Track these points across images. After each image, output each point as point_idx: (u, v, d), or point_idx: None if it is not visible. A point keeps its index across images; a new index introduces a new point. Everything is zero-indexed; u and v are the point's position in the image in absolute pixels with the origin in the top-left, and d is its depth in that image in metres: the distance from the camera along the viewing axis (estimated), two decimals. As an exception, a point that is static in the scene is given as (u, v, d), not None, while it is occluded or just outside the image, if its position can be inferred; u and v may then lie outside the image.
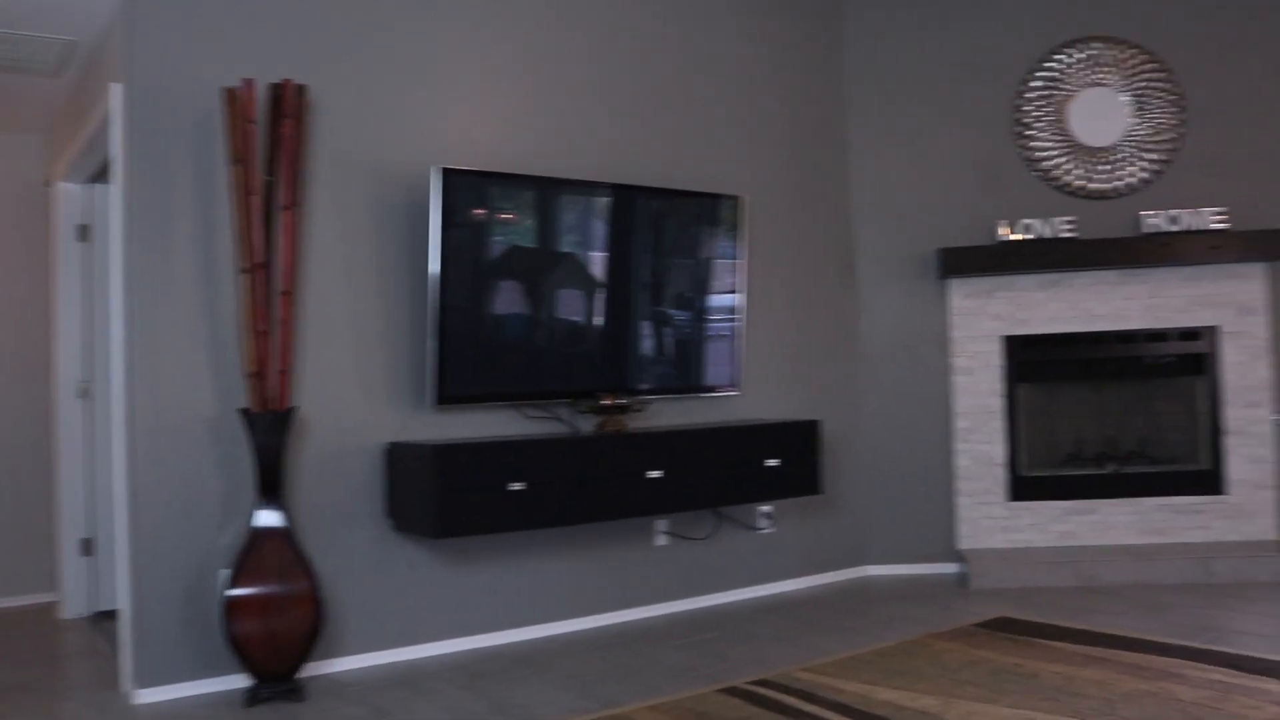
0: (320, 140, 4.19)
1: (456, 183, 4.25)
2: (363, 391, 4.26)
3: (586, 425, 4.72)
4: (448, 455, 3.98)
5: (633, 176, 4.98)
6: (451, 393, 4.28)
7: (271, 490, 3.83)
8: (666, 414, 5.03)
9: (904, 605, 5.01)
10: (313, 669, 4.07)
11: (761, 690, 3.67)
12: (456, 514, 3.99)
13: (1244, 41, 5.69)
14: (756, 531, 5.35)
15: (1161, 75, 5.67)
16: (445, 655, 4.36)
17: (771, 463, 4.88)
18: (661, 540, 5.02)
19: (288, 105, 3.86)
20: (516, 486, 4.10)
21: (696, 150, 5.24)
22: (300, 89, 3.90)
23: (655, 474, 4.49)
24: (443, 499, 3.95)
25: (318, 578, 3.85)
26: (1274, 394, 5.62)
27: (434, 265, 4.20)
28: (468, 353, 4.31)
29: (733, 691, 3.67)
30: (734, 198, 5.10)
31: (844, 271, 5.79)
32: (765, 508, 5.36)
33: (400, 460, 4.19)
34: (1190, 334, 5.65)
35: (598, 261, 4.70)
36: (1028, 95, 5.72)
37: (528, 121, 4.73)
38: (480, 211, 4.35)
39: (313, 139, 4.16)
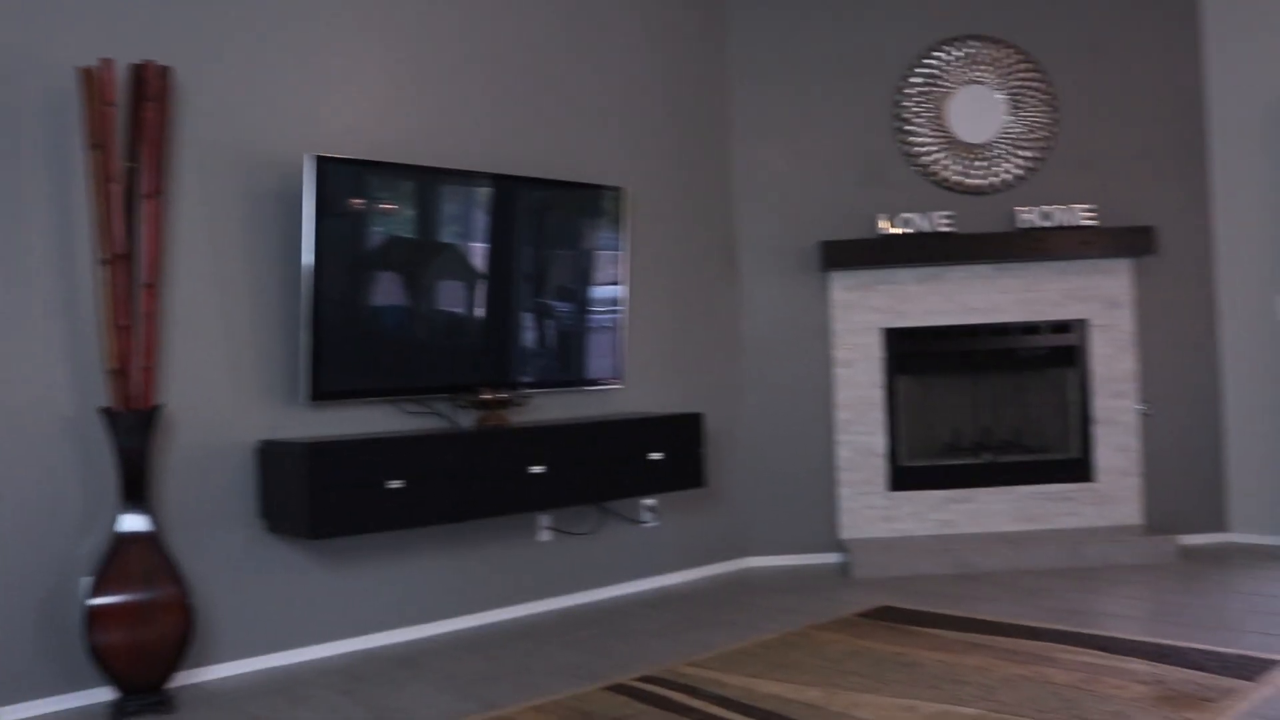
0: (186, 125, 4.02)
1: (331, 171, 4.12)
2: (233, 388, 4.10)
3: (467, 420, 4.63)
4: (322, 453, 3.86)
5: (514, 167, 4.90)
6: (326, 388, 4.15)
7: (136, 493, 3.66)
8: (549, 408, 4.97)
9: (787, 596, 5.03)
10: (183, 679, 3.91)
11: (646, 686, 3.63)
12: (332, 514, 3.87)
13: (1111, 44, 5.85)
14: (640, 525, 5.32)
15: (1035, 75, 5.80)
16: (323, 659, 4.23)
17: (655, 456, 4.85)
18: (544, 536, 4.96)
19: (150, 88, 3.69)
20: (394, 484, 4.00)
21: (579, 140, 5.18)
22: (164, 70, 3.74)
23: (537, 469, 4.43)
24: (317, 498, 3.83)
25: (187, 583, 3.70)
26: (1138, 385, 5.79)
27: (307, 256, 4.07)
28: (343, 347, 4.19)
29: (618, 689, 3.63)
30: (616, 189, 5.05)
31: (726, 264, 5.79)
32: (649, 501, 5.34)
33: (273, 459, 4.05)
34: (1061, 327, 5.79)
35: (479, 253, 4.61)
36: (908, 91, 5.79)
37: (406, 109, 4.62)
38: (357, 201, 4.22)
39: (178, 123, 3.99)
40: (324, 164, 4.09)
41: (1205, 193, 5.90)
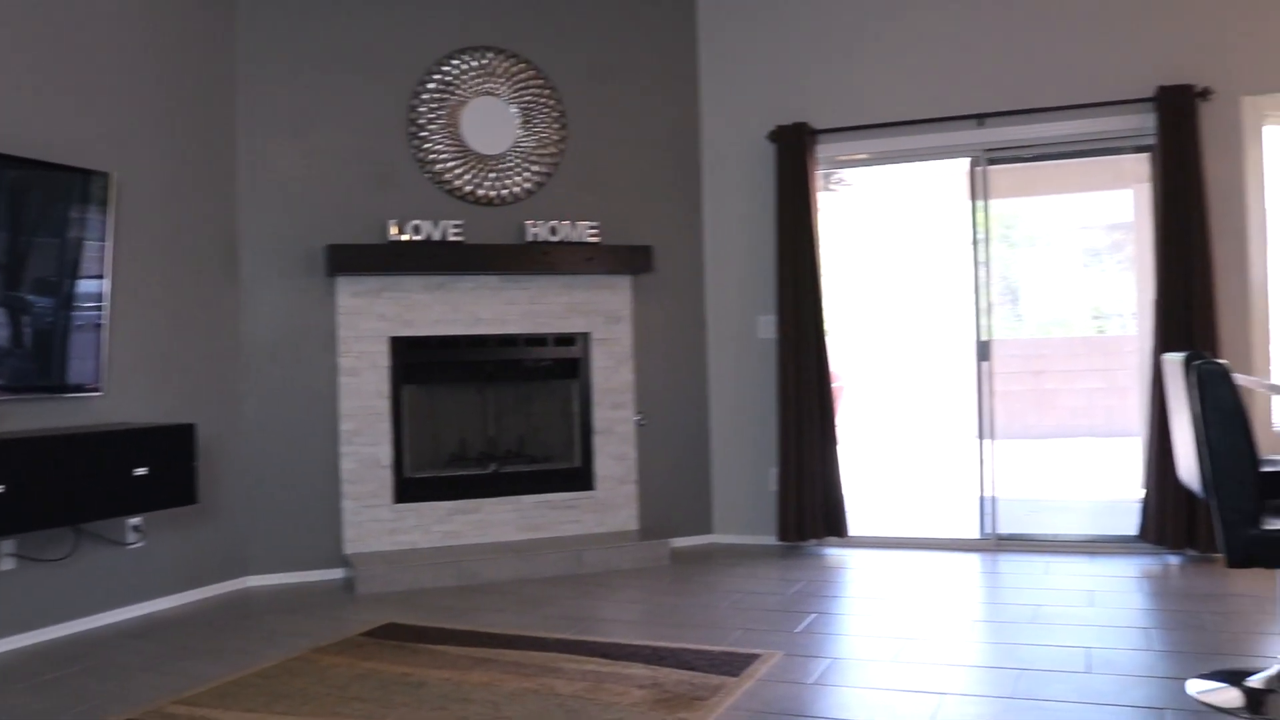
0: None
1: None
2: None
3: (-91, 433, 3.97)
4: None
5: (-23, 142, 4.28)
6: None
7: None
8: (16, 417, 4.37)
9: (288, 618, 4.77)
10: None
11: (128, 731, 3.27)
12: None
13: (619, 71, 6.13)
14: (124, 547, 4.83)
15: (548, 92, 5.93)
16: None
17: (140, 471, 4.42)
18: (6, 564, 4.36)
19: None
20: None
21: (61, 118, 4.61)
22: None
23: (-1, 489, 3.88)
24: None
25: None
26: (635, 396, 6.09)
27: None
28: None
29: (93, 736, 3.24)
30: (103, 174, 4.56)
31: (226, 263, 5.41)
32: (133, 521, 4.86)
33: None
34: (566, 339, 5.97)
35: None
36: (423, 97, 5.72)
37: None
38: None
39: None
40: None
41: (698, 218, 6.32)
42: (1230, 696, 3.37)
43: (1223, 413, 2.90)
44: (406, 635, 4.36)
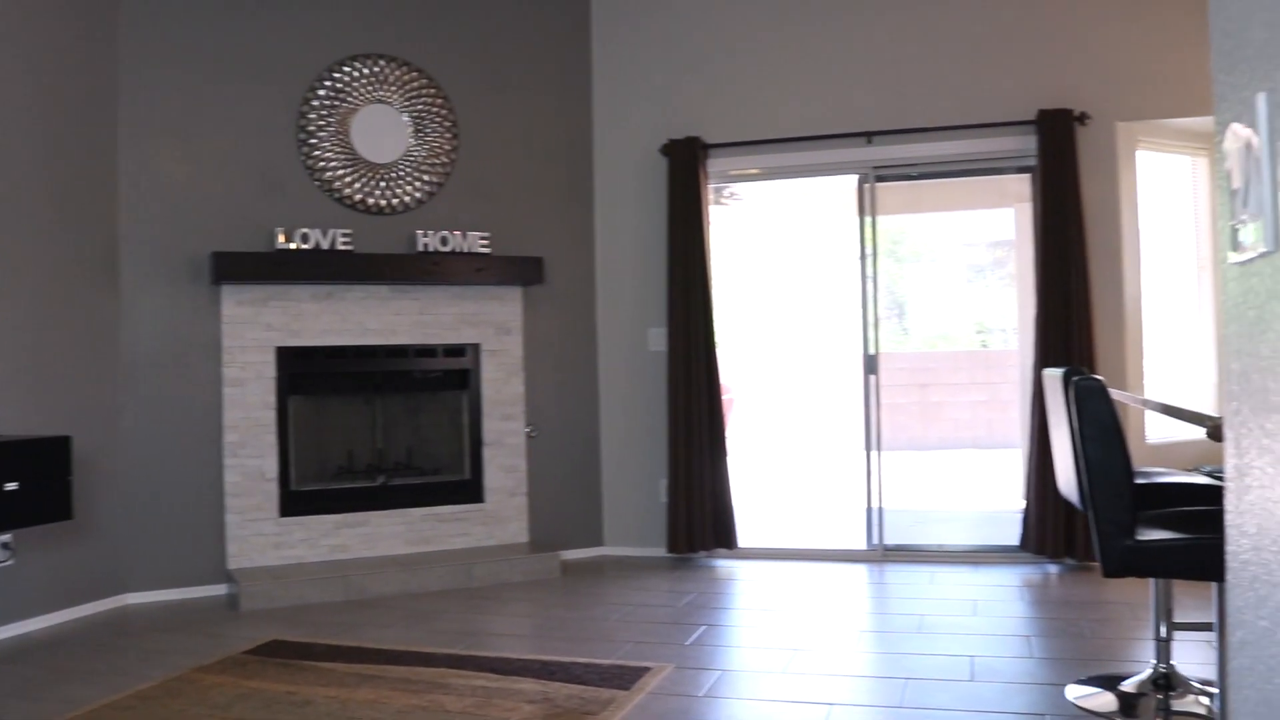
0: None
1: None
2: None
3: None
4: None
5: None
6: None
7: None
8: (-125, 431, 4.18)
9: (169, 636, 4.63)
10: None
11: (-5, 757, 3.15)
12: None
13: (513, 82, 6.10)
14: (-9, 565, 4.64)
15: (439, 101, 5.88)
16: None
17: (10, 486, 4.25)
18: None
19: None
20: None
21: (-76, 118, 4.43)
22: None
23: None
24: None
25: None
26: (525, 408, 6.06)
27: None
28: None
29: (-43, 764, 3.10)
30: (-28, 179, 4.39)
31: (105, 269, 5.25)
32: (3, 538, 4.67)
33: None
34: (456, 350, 5.91)
35: None
36: (313, 103, 5.62)
37: None
38: None
39: None
40: None
41: (590, 230, 6.32)
42: (1105, 701, 3.48)
43: (1099, 428, 2.99)
44: (291, 652, 4.26)
